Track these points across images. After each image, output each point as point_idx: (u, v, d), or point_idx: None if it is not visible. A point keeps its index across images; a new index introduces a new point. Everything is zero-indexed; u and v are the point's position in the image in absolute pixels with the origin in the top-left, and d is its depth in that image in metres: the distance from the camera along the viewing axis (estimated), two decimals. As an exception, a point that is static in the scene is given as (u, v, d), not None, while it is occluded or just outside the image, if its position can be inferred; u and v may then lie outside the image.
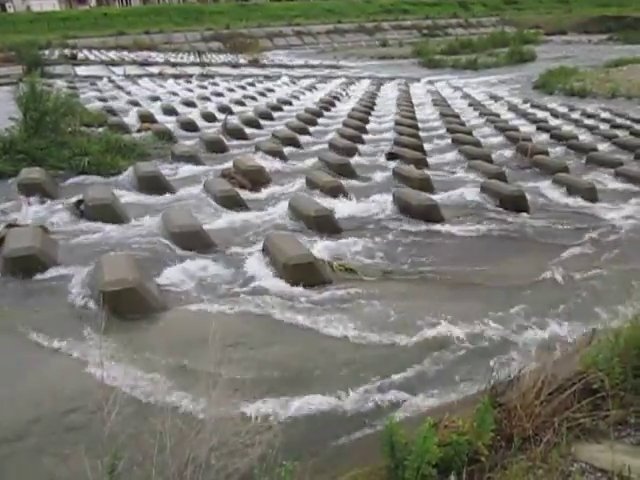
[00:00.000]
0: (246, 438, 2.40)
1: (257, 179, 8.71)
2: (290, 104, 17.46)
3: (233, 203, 7.59)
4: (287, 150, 10.80)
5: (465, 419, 2.76)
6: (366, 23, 53.91)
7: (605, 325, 4.37)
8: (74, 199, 7.36)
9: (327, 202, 7.56)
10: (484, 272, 5.85)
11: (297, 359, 4.20)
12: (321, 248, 6.18)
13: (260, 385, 3.69)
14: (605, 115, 14.88)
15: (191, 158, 10.04)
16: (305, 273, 5.34)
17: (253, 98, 18.39)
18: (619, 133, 12.56)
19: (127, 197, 7.98)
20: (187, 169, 9.59)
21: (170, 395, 3.57)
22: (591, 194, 8.09)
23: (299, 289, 5.22)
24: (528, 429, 2.78)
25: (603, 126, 13.51)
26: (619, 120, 14.15)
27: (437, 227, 7.03)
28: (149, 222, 6.91)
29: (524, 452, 2.68)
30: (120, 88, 19.49)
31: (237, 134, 12.38)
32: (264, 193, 8.39)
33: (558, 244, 6.62)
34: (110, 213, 6.96)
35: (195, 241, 6.22)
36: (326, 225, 6.79)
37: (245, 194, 8.08)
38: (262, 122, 14.00)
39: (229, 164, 9.42)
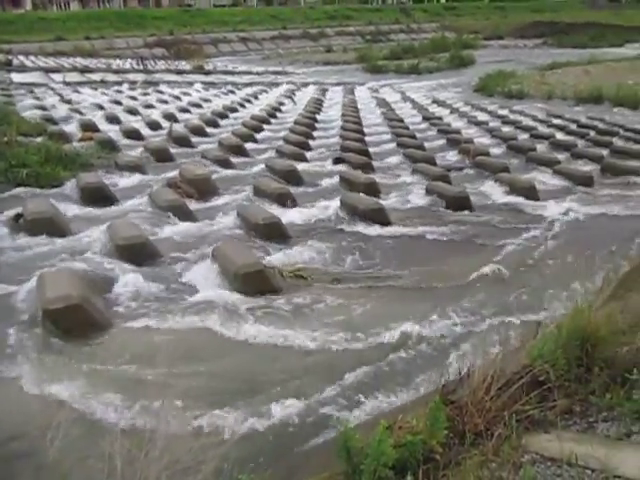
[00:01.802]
0: (199, 454, 2.35)
1: (204, 188, 8.59)
2: (236, 111, 17.32)
3: (180, 213, 7.44)
4: (234, 158, 10.71)
5: (419, 419, 2.80)
6: (310, 29, 54.21)
7: (549, 318, 4.53)
8: (12, 213, 7.05)
9: (275, 209, 7.54)
10: (432, 272, 5.97)
11: (249, 370, 4.15)
12: (271, 256, 6.15)
13: (212, 399, 3.62)
14: (542, 116, 15.46)
15: (136, 168, 9.80)
16: (255, 281, 5.30)
17: (199, 105, 18.15)
18: (556, 133, 13.09)
19: (69, 209, 7.70)
20: (132, 179, 9.35)
21: (118, 414, 3.45)
22: (531, 192, 8.38)
23: (249, 298, 5.16)
24: (480, 424, 2.84)
25: (541, 127, 14.03)
26: (555, 121, 14.74)
27: (385, 230, 7.11)
28: (93, 235, 6.68)
29: (477, 447, 2.73)
30: (60, 96, 18.81)
31: (183, 142, 12.17)
32: (211, 202, 8.28)
33: (502, 242, 6.82)
34: (51, 226, 6.69)
35: (141, 253, 6.06)
36: (275, 232, 6.76)
37: (192, 203, 7.94)
38: (208, 130, 13.82)
39: (175, 173, 9.25)
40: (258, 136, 13.27)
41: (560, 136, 12.74)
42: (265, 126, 14.60)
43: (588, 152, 11.05)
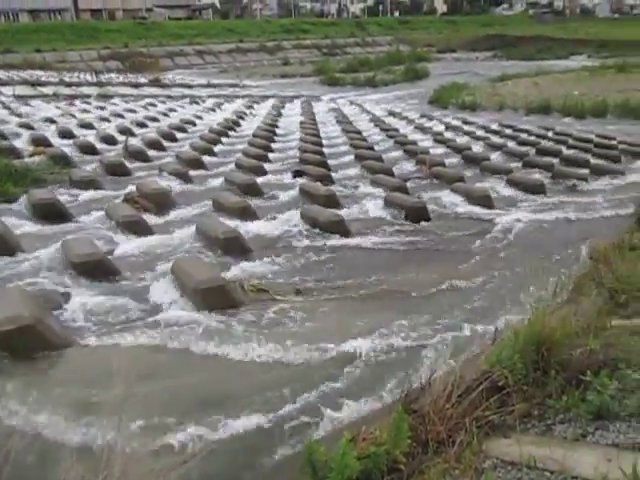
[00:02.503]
0: (159, 476, 2.29)
1: (162, 202, 8.47)
2: (194, 124, 17.20)
3: (138, 228, 7.31)
4: (192, 172, 10.61)
5: (382, 429, 2.81)
6: (267, 42, 54.50)
7: (507, 324, 4.63)
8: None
9: (235, 223, 7.50)
10: (393, 282, 6.03)
11: (211, 386, 4.09)
12: (231, 270, 6.10)
13: (172, 417, 3.54)
14: (495, 126, 15.91)
15: (91, 183, 9.59)
16: (216, 297, 5.23)
17: (155, 119, 17.93)
18: (508, 143, 13.48)
19: (21, 227, 7.46)
20: (87, 195, 9.15)
21: (73, 438, 3.33)
22: (486, 201, 8.60)
23: (210, 313, 5.10)
24: (442, 432, 2.87)
25: (494, 137, 14.45)
26: (507, 131, 15.20)
27: (345, 242, 7.16)
28: (47, 253, 6.48)
29: (440, 455, 2.76)
30: (9, 110, 18.26)
31: (140, 156, 12.00)
32: (170, 217, 8.17)
33: (459, 250, 6.97)
34: (1, 245, 6.47)
35: (98, 270, 5.91)
36: (235, 246, 6.71)
37: (150, 218, 7.82)
38: (165, 143, 13.67)
39: (132, 188, 9.10)
40: (217, 149, 13.20)
41: (512, 146, 13.13)
42: (224, 139, 14.55)
43: (539, 161, 11.42)
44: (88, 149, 12.43)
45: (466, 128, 15.86)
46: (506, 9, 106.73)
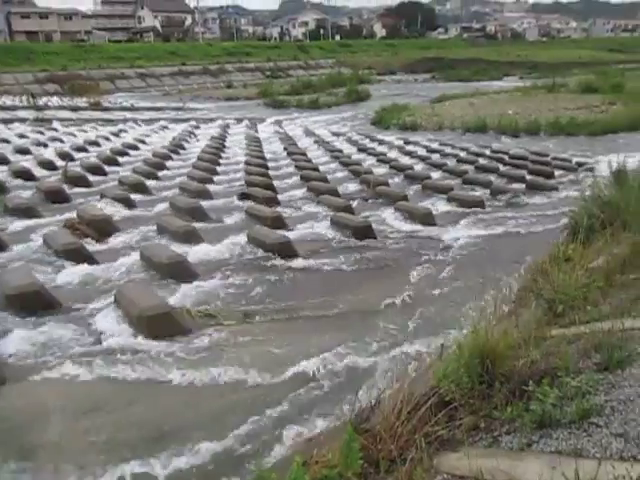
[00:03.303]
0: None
1: (104, 229, 8.25)
2: (136, 148, 16.90)
3: (78, 256, 7.06)
4: (135, 196, 10.40)
5: (334, 451, 2.80)
6: (210, 65, 54.44)
7: (452, 338, 4.73)
8: None
9: (181, 248, 7.38)
10: (341, 302, 6.06)
11: (160, 417, 3.97)
12: (178, 296, 5.99)
13: (121, 451, 3.42)
14: (435, 146, 16.39)
15: (28, 210, 9.24)
16: (162, 324, 5.12)
17: (96, 143, 17.52)
18: (447, 162, 13.91)
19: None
20: (23, 223, 8.80)
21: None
22: (428, 219, 8.83)
23: (156, 342, 4.97)
24: (393, 450, 2.88)
25: (434, 156, 14.85)
26: (447, 150, 15.68)
27: (293, 263, 7.18)
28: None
29: (391, 474, 2.76)
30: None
31: (80, 182, 11.67)
32: (112, 243, 7.97)
33: (404, 267, 7.10)
34: None
35: (36, 302, 5.67)
36: (181, 271, 6.60)
37: (91, 245, 7.60)
38: (107, 168, 13.36)
39: (72, 214, 8.82)
40: (160, 173, 13.00)
41: (452, 164, 13.55)
42: (167, 163, 14.35)
43: (478, 178, 11.84)
44: (24, 175, 11.99)
45: (408, 148, 16.26)
46: (442, 33, 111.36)
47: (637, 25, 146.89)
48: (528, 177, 11.76)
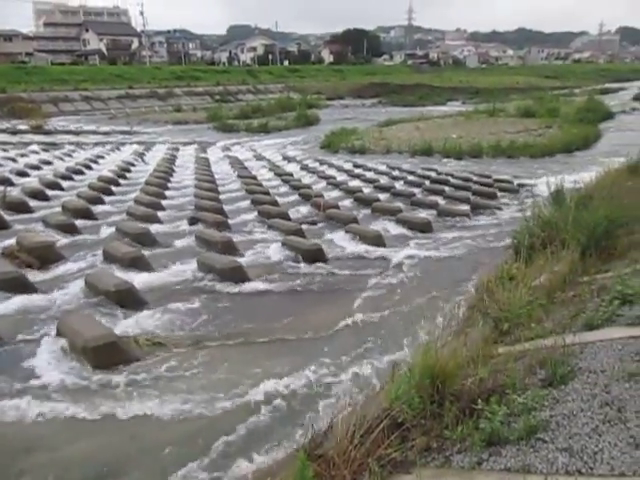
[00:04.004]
0: None
1: (46, 256, 7.94)
2: (81, 173, 16.46)
3: (18, 286, 6.76)
4: (80, 222, 10.09)
5: (288, 479, 2.76)
6: (158, 89, 53.92)
7: (403, 359, 4.78)
8: None
9: (128, 275, 7.19)
10: (293, 326, 6.04)
11: (106, 452, 3.82)
12: (125, 325, 5.82)
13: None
14: (383, 169, 16.70)
15: (-39, 239, 8.81)
16: (108, 354, 4.95)
17: (38, 167, 16.97)
18: (396, 184, 14.19)
19: None
20: (-43, 252, 8.36)
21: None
22: (378, 240, 8.95)
23: (102, 373, 4.80)
24: (346, 476, 2.86)
25: (382, 179, 15.13)
26: (395, 173, 16.01)
27: (244, 288, 7.11)
28: None
29: (345, 500, 2.74)
30: None
31: (19, 208, 11.23)
32: (55, 271, 7.67)
33: (355, 289, 7.16)
34: None
35: (-29, 335, 5.38)
36: (128, 299, 6.42)
37: (32, 274, 7.30)
38: (50, 193, 12.93)
39: (11, 241, 8.46)
40: (107, 198, 12.69)
41: (400, 187, 13.83)
42: (114, 188, 14.03)
43: (425, 200, 12.12)
44: (-42, 202, 11.45)
45: (357, 171, 16.49)
46: (387, 60, 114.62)
47: (569, 53, 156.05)
48: (472, 198, 12.13)
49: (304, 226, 9.91)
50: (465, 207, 11.46)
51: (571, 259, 5.61)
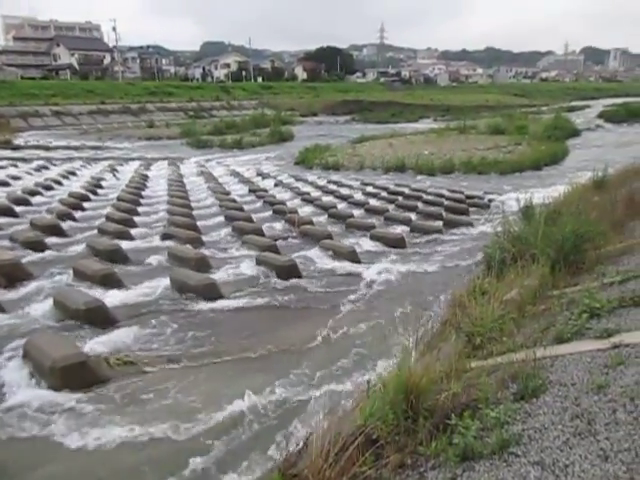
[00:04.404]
0: None
1: (13, 274, 7.74)
2: (51, 188, 16.19)
3: (-17, 305, 6.59)
4: (49, 239, 9.89)
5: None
6: (131, 104, 53.55)
7: (378, 375, 4.78)
8: None
9: (99, 292, 7.07)
10: (268, 343, 5.99)
11: (74, 477, 3.70)
12: (95, 344, 5.69)
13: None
14: (357, 185, 16.84)
15: None
16: (77, 375, 4.83)
17: (5, 183, 16.61)
18: (370, 200, 14.30)
19: None
20: None
21: None
22: (352, 256, 8.99)
23: (71, 394, 4.68)
24: (321, 495, 2.83)
25: (356, 195, 15.24)
26: (368, 189, 16.13)
27: (218, 305, 7.04)
28: None
29: (319, 521, 2.71)
30: None
31: (-15, 225, 10.97)
32: (23, 290, 7.47)
33: (330, 305, 7.16)
34: None
35: None
36: (99, 318, 6.30)
37: (-1, 293, 7.12)
38: (18, 209, 12.66)
39: (-24, 260, 8.23)
40: (77, 214, 12.49)
41: (373, 202, 13.94)
42: (85, 204, 13.82)
43: (398, 216, 12.23)
44: None
45: (331, 187, 16.58)
46: (360, 77, 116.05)
47: (536, 72, 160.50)
48: (445, 214, 12.29)
49: (278, 242, 9.89)
50: (438, 223, 11.60)
51: (541, 273, 5.71)
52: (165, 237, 10.20)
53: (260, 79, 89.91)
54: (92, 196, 15.07)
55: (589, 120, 41.21)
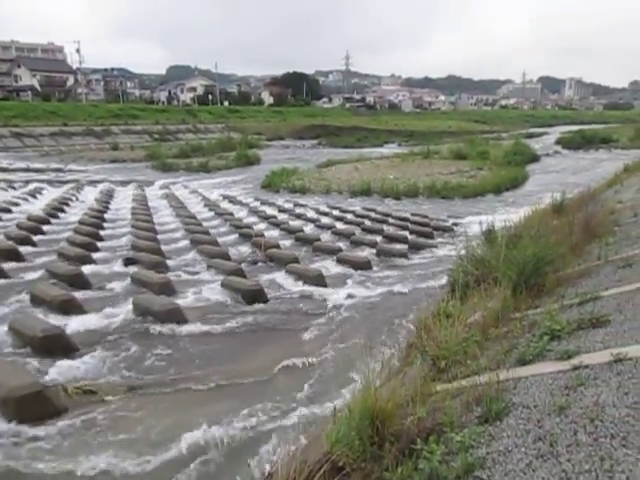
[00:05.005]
0: None
1: (-33, 301, 7.47)
2: (9, 211, 15.75)
3: None
4: (6, 264, 9.57)
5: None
6: (95, 126, 52.86)
7: (344, 400, 4.75)
8: None
9: (58, 319, 6.86)
10: (233, 369, 5.90)
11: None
12: (53, 373, 5.50)
13: None
14: (323, 208, 16.93)
15: None
16: (32, 405, 4.64)
17: (-40, 207, 16.11)
18: (336, 223, 14.38)
19: None
20: None
21: None
22: (319, 280, 8.97)
23: (26, 426, 4.49)
24: (285, 528, 2.77)
25: (323, 218, 15.32)
26: (335, 212, 16.25)
27: (182, 330, 6.92)
28: None
29: None
30: None
31: (-63, 250, 10.56)
32: (-24, 317, 7.21)
33: (296, 330, 7.11)
34: None
35: None
36: (57, 345, 6.09)
37: (-50, 321, 6.83)
38: (-28, 234, 12.26)
39: None
40: (36, 238, 12.15)
41: (340, 226, 14.02)
42: (45, 227, 13.49)
43: (365, 239, 12.32)
44: None
45: (298, 210, 16.63)
46: (326, 102, 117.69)
47: (496, 100, 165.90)
48: (410, 237, 12.44)
49: (244, 266, 9.82)
50: (403, 246, 11.72)
51: (503, 296, 5.80)
52: (128, 261, 10.01)
53: (227, 103, 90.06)
54: (53, 219, 14.72)
55: (547, 146, 42.68)
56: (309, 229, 13.76)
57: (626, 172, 18.19)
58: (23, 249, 10.88)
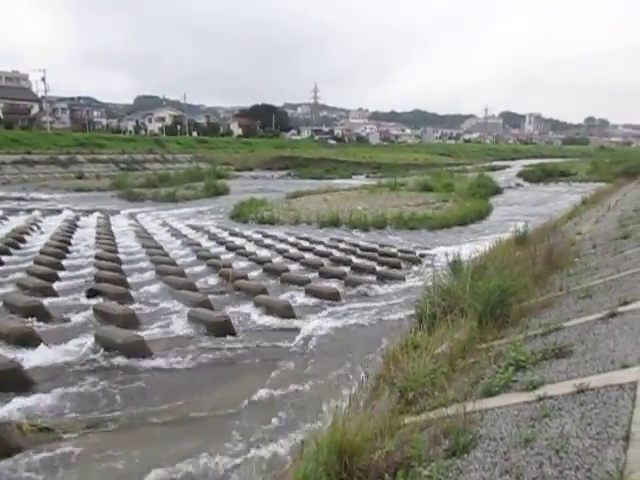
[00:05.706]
0: None
1: None
2: (-34, 242, 15.22)
3: None
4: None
5: None
6: (59, 155, 52.03)
7: (312, 435, 4.67)
8: None
9: (14, 352, 6.60)
10: (198, 404, 5.76)
11: None
12: (7, 409, 5.26)
13: None
14: (292, 239, 16.91)
15: None
16: (-16, 445, 4.43)
17: None
18: (305, 254, 14.36)
19: None
20: None
21: None
22: (287, 311, 8.90)
23: (-24, 468, 4.27)
24: None
25: (292, 249, 15.28)
26: (304, 243, 16.23)
27: (146, 364, 6.74)
28: None
29: None
30: None
31: None
32: None
33: (263, 363, 7.00)
34: None
35: None
36: (12, 380, 5.85)
37: None
38: None
39: None
40: (-6, 269, 11.76)
41: (309, 257, 14.00)
42: (4, 257, 13.06)
43: (333, 270, 12.32)
44: None
45: (266, 241, 16.56)
46: (295, 134, 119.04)
47: (460, 134, 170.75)
48: (378, 268, 12.51)
49: (212, 297, 9.68)
50: (372, 277, 11.77)
51: (470, 327, 5.86)
52: (91, 293, 9.75)
53: (195, 134, 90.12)
54: (12, 250, 14.29)
55: (510, 179, 43.97)
56: (278, 260, 13.70)
57: (584, 205, 18.85)
58: (-20, 280, 10.52)
